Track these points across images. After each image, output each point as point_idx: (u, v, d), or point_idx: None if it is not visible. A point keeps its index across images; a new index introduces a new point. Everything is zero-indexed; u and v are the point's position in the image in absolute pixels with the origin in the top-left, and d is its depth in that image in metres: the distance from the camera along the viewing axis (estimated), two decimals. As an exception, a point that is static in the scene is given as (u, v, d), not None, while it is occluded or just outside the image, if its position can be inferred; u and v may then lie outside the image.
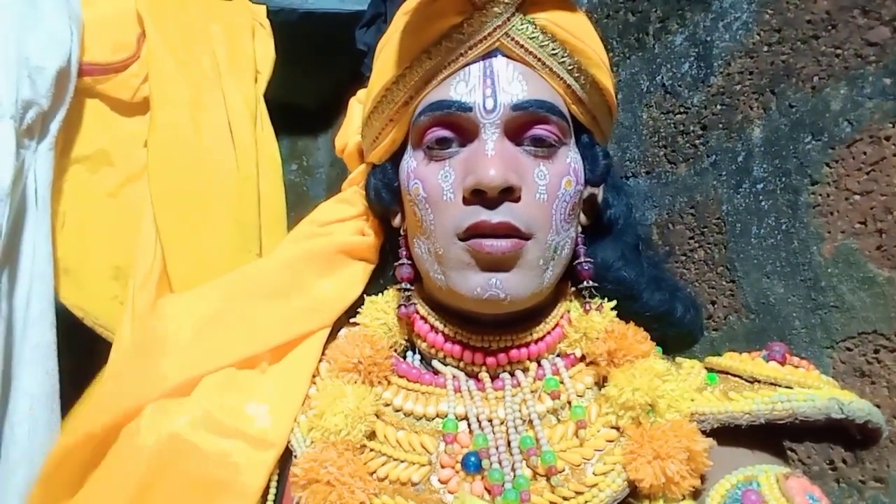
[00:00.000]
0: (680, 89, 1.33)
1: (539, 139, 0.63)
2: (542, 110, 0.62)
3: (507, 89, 0.62)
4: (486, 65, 0.63)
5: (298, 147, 2.67)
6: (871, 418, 0.60)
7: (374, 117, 0.69)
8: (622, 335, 0.64)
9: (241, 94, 1.23)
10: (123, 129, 1.28)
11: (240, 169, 1.19)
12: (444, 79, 0.63)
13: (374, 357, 0.65)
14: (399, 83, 0.66)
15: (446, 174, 0.62)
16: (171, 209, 1.18)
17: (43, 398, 1.10)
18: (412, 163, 0.66)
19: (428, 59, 0.64)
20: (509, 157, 0.61)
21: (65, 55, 1.15)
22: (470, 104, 0.62)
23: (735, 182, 1.20)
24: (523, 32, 0.63)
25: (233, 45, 1.26)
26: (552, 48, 0.63)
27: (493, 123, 0.61)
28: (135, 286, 1.20)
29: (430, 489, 0.60)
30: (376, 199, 0.72)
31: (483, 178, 0.59)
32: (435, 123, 0.63)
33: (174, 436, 0.61)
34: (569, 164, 0.64)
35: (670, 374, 0.63)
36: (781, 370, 0.63)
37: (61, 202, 1.23)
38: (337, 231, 0.75)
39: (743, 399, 0.61)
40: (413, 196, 0.65)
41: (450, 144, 0.63)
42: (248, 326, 0.70)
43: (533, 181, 0.62)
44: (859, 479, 0.99)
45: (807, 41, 1.10)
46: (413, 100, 0.65)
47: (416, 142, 0.66)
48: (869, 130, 1.00)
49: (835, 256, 1.04)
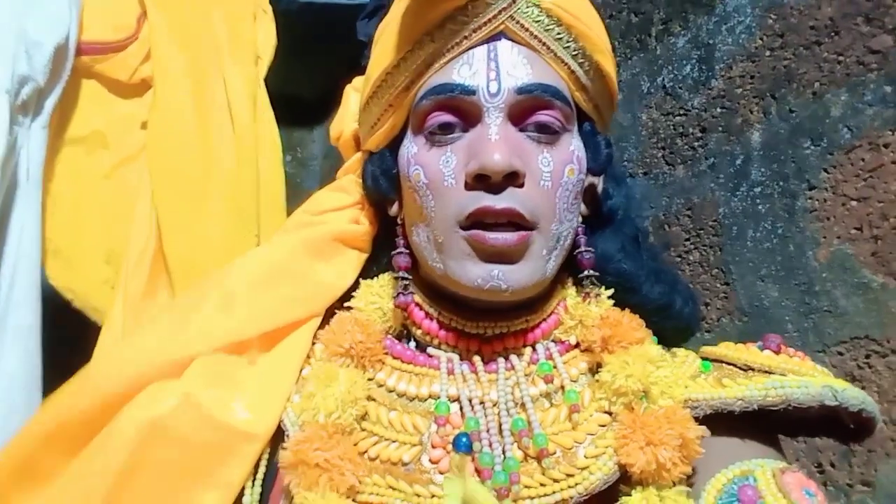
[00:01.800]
0: (680, 91, 1.33)
1: (543, 125, 0.62)
2: (547, 95, 0.61)
3: (511, 73, 0.61)
4: (491, 48, 0.62)
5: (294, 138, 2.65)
6: (864, 407, 0.60)
7: (372, 103, 0.68)
8: (617, 322, 0.64)
9: (241, 77, 1.22)
10: (120, 111, 1.27)
11: (239, 152, 1.18)
12: (446, 62, 0.62)
13: (365, 342, 0.65)
14: (400, 67, 0.65)
15: (448, 159, 0.62)
16: (169, 190, 1.16)
17: (21, 379, 1.09)
18: (412, 148, 0.65)
19: (430, 42, 0.62)
20: (513, 141, 0.60)
21: (63, 32, 1.13)
22: (473, 87, 0.61)
23: (733, 185, 1.20)
24: (528, 16, 0.62)
25: (234, 29, 1.25)
26: (557, 32, 0.63)
27: (497, 107, 0.60)
28: (127, 269, 1.18)
29: (421, 469, 0.59)
30: (374, 186, 0.71)
31: (487, 163, 0.58)
32: (437, 108, 0.62)
33: (156, 422, 0.61)
34: (572, 152, 0.64)
35: (664, 361, 0.63)
36: (776, 359, 0.63)
37: (54, 183, 1.21)
38: (332, 219, 0.74)
39: (736, 385, 0.61)
40: (413, 182, 0.64)
41: (452, 129, 0.62)
42: (240, 311, 0.69)
43: (537, 167, 0.61)
44: (847, 483, 0.99)
45: (809, 47, 1.10)
46: (414, 84, 0.64)
47: (416, 127, 0.65)
48: (868, 137, 1.00)
49: (830, 261, 1.04)
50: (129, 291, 1.15)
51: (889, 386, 0.95)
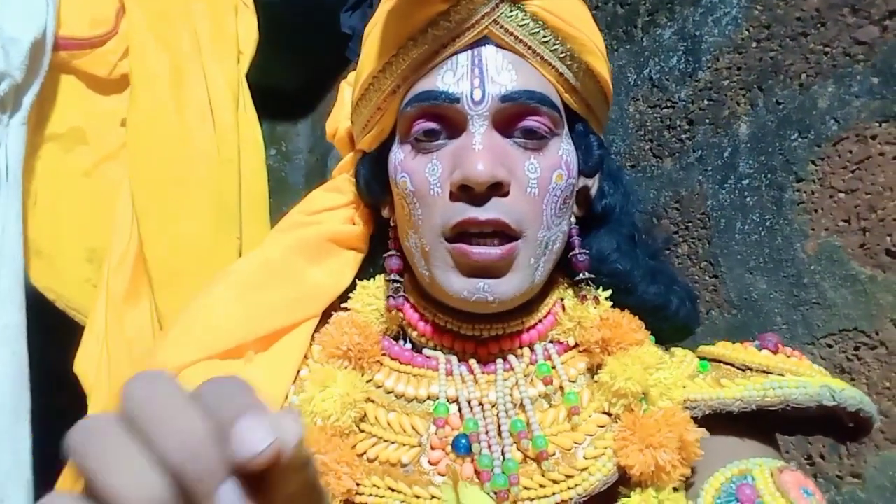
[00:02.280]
0: (667, 83, 1.32)
1: (530, 130, 0.61)
2: (533, 101, 0.60)
3: (495, 79, 0.60)
4: (475, 53, 0.60)
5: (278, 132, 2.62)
6: (862, 406, 0.60)
7: (362, 104, 0.68)
8: (616, 323, 0.64)
9: (222, 73, 1.19)
10: (99, 107, 1.24)
11: (220, 151, 1.16)
12: (431, 68, 0.61)
13: (362, 344, 0.65)
14: (385, 71, 0.64)
15: (433, 167, 0.61)
16: (149, 189, 1.14)
17: (9, 380, 1.07)
18: (399, 155, 0.64)
19: (414, 46, 0.61)
20: (498, 150, 0.59)
21: (40, 27, 1.11)
22: (457, 95, 0.60)
23: (720, 177, 1.20)
24: (513, 20, 0.60)
25: (215, 23, 1.22)
26: (543, 35, 0.61)
27: (482, 115, 0.59)
28: (109, 268, 1.16)
29: (420, 471, 0.59)
30: (366, 189, 0.71)
31: (470, 174, 0.57)
32: (421, 115, 0.61)
33: None
34: (560, 157, 0.63)
35: (664, 363, 0.63)
36: (773, 358, 0.63)
37: (34, 181, 1.19)
38: (326, 220, 0.73)
39: (734, 386, 0.61)
40: (401, 189, 0.63)
41: (437, 136, 0.61)
42: (236, 316, 0.68)
43: (523, 175, 0.60)
44: (836, 475, 1.00)
45: (796, 38, 1.10)
46: (400, 88, 0.63)
47: (403, 133, 0.64)
48: (855, 129, 1.00)
49: (818, 253, 1.04)
50: (111, 291, 1.14)
51: (878, 378, 0.95)
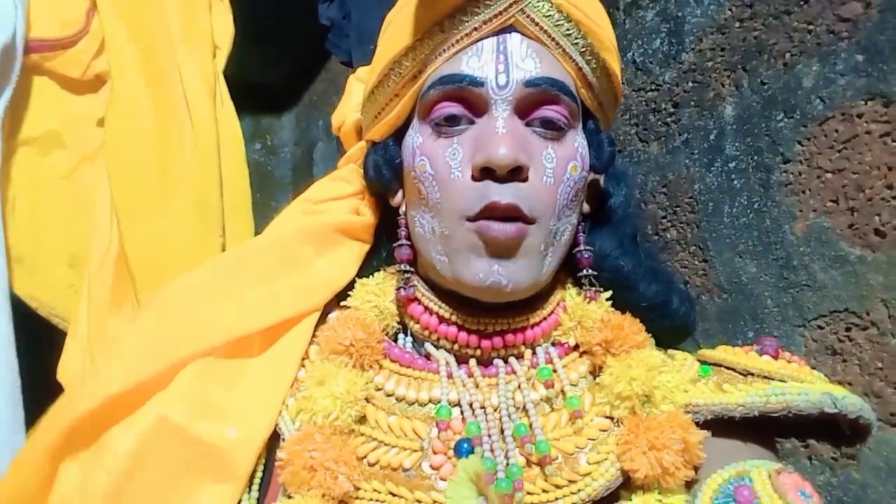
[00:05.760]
0: (651, 66, 1.31)
1: (548, 120, 0.62)
2: (555, 89, 0.61)
3: (520, 66, 0.61)
4: (500, 40, 0.62)
5: (262, 126, 2.60)
6: (862, 413, 0.60)
7: (378, 92, 0.68)
8: (618, 325, 0.64)
9: (198, 69, 1.17)
10: (75, 108, 1.23)
11: (199, 147, 1.14)
12: (455, 53, 0.62)
13: (366, 340, 0.64)
14: (408, 56, 0.65)
15: (454, 151, 0.62)
16: (128, 189, 1.13)
17: (4, 392, 1.06)
18: (418, 139, 0.65)
19: (440, 32, 0.63)
20: (519, 135, 0.61)
21: (9, 30, 1.09)
22: (482, 79, 0.61)
23: (707, 160, 1.19)
24: (539, 10, 0.62)
25: (189, 19, 1.20)
26: (566, 28, 0.63)
27: (505, 100, 0.61)
28: (90, 272, 1.15)
29: (422, 475, 0.59)
30: (376, 176, 0.70)
31: (493, 157, 0.58)
32: (444, 98, 0.62)
33: (162, 418, 0.60)
34: (576, 149, 0.64)
35: (666, 366, 0.63)
36: (775, 364, 0.63)
37: (10, 187, 1.17)
38: (332, 209, 0.73)
39: (737, 391, 0.61)
40: (419, 173, 0.64)
41: (458, 121, 0.63)
42: (242, 305, 0.67)
43: (541, 163, 0.61)
44: (831, 457, 1.00)
45: (779, 17, 1.08)
46: (422, 73, 0.64)
47: (423, 117, 0.65)
48: (841, 108, 0.99)
49: (807, 235, 1.03)
50: (93, 296, 1.12)
51: (870, 359, 0.95)
